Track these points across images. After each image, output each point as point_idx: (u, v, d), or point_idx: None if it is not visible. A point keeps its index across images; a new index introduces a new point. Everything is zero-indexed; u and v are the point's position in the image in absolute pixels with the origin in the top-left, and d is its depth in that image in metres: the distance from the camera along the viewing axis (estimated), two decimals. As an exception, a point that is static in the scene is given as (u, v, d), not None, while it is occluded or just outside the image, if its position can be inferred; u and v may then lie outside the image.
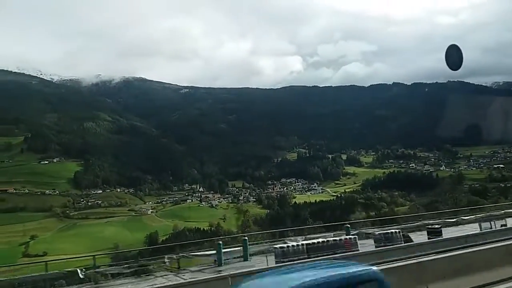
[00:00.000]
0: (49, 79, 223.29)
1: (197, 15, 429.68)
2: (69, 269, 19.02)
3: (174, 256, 20.74)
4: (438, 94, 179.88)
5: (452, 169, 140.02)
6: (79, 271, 18.55)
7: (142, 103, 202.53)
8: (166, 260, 20.07)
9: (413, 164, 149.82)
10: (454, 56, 9.06)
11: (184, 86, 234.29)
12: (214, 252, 20.52)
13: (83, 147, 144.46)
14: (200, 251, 22.58)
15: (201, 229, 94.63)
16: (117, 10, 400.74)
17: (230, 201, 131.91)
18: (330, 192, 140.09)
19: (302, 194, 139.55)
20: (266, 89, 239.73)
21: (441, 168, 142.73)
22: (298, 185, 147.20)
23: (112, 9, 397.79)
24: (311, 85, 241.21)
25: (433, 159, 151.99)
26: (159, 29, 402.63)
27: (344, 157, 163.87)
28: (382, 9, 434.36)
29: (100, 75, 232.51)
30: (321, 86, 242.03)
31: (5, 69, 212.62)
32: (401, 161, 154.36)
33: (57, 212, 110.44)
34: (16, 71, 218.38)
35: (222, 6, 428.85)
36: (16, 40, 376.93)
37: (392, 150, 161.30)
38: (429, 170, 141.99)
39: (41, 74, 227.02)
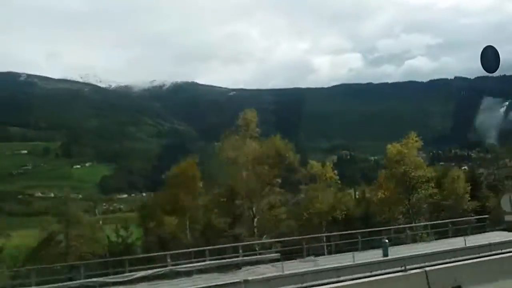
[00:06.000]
0: (106, 86, 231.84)
1: (256, 18, 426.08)
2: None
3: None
4: (505, 88, 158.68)
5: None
6: None
7: (189, 107, 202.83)
8: None
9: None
10: (490, 57, 8.60)
11: (232, 89, 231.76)
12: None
13: (119, 151, 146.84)
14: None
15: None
16: (176, 18, 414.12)
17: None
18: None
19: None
20: (317, 88, 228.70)
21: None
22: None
23: (172, 16, 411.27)
24: (365, 82, 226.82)
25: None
26: (217, 34, 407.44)
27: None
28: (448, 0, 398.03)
29: (154, 80, 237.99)
30: (375, 83, 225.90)
31: (68, 78, 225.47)
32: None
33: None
34: (79, 80, 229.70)
35: (281, 7, 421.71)
36: (84, 52, 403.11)
37: (444, 151, 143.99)
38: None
39: (100, 81, 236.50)
